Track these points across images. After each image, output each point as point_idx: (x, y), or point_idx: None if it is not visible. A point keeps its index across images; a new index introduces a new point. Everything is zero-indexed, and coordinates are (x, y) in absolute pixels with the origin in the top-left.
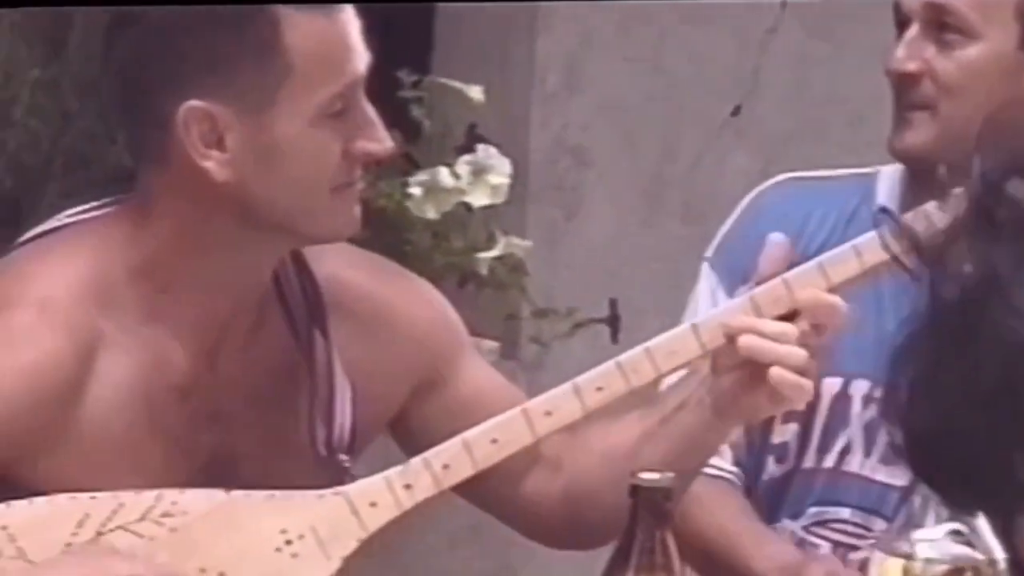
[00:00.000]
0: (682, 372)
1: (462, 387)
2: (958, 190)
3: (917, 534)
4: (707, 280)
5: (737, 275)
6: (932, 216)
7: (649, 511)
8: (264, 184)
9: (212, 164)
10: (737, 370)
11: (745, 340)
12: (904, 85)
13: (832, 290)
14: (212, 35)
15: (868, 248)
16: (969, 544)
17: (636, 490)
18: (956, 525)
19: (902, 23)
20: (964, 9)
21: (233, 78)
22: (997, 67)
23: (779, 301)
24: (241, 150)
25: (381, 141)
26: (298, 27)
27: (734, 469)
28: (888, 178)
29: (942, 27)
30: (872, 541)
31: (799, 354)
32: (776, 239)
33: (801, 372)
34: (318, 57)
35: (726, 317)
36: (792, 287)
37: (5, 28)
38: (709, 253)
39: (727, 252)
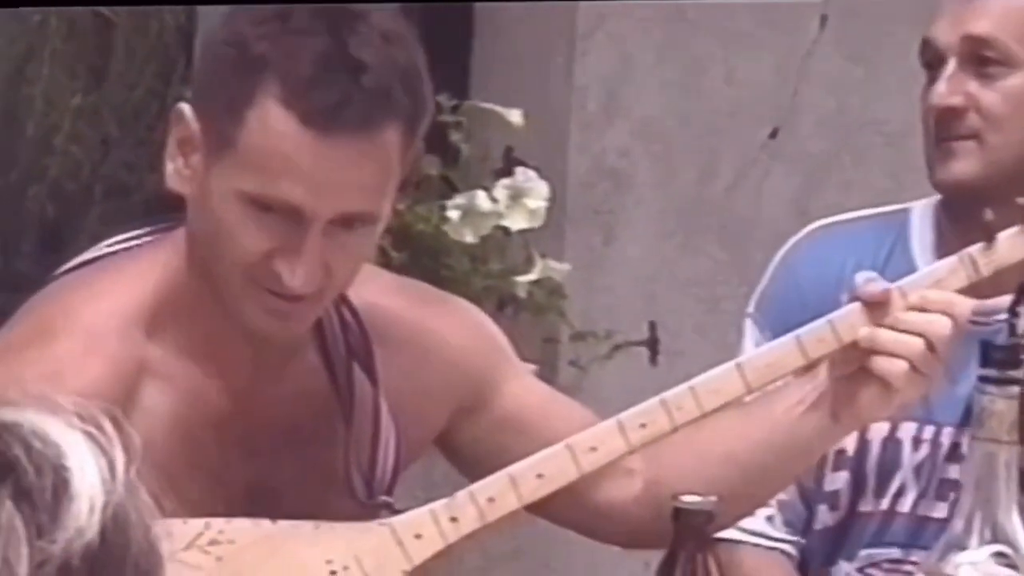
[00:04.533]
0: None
1: (508, 406)
2: (1006, 232)
3: (960, 556)
4: (751, 335)
5: (779, 328)
6: (978, 262)
7: (691, 535)
8: (198, 225)
9: (172, 168)
10: (854, 373)
11: (865, 332)
12: (948, 119)
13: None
14: (225, 60)
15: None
16: (1012, 566)
17: (678, 513)
18: (999, 547)
19: (934, 60)
20: (1006, 40)
21: (213, 112)
22: None
23: (824, 342)
24: (197, 176)
25: (292, 275)
26: (265, 116)
27: (786, 536)
28: (921, 216)
29: (982, 60)
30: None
31: (914, 344)
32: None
33: (919, 365)
34: (259, 153)
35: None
36: (837, 328)
37: (46, 57)
38: (751, 308)
39: (768, 306)
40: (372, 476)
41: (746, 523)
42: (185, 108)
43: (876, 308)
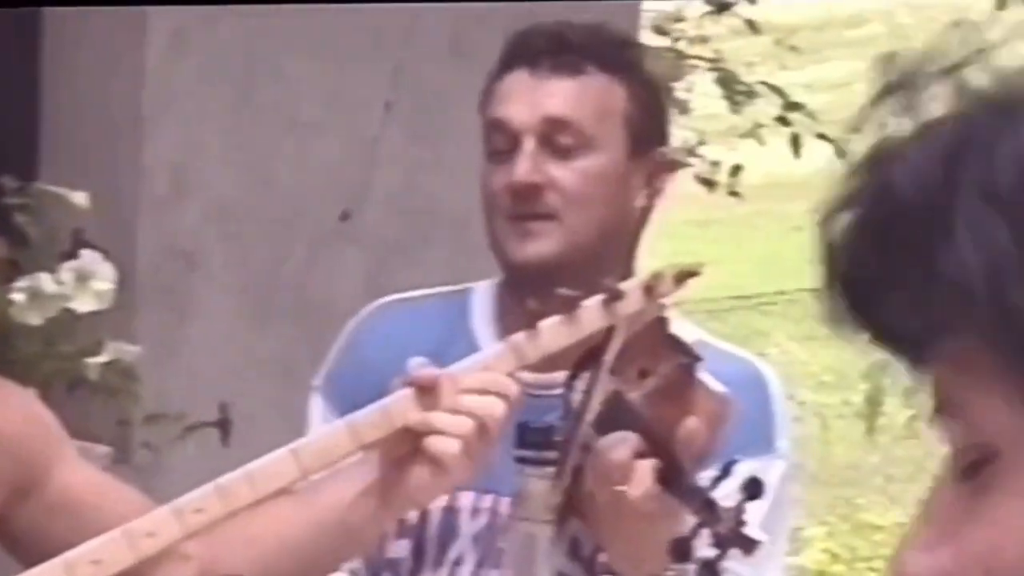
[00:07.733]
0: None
1: (60, 491)
2: (549, 321)
3: None
4: (318, 408)
5: (346, 402)
6: (523, 348)
7: None
8: None
9: None
10: (404, 456)
11: (418, 416)
12: (526, 197)
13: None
14: None
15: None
16: None
17: None
18: None
19: (507, 140)
20: (582, 121)
21: None
22: (613, 175)
23: (377, 426)
24: None
25: None
26: None
27: None
28: (482, 295)
29: (559, 141)
30: None
31: (466, 424)
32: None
33: (471, 444)
34: None
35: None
36: (390, 412)
37: None
38: (318, 381)
39: (334, 379)
40: None
41: None
42: None
43: (427, 393)
